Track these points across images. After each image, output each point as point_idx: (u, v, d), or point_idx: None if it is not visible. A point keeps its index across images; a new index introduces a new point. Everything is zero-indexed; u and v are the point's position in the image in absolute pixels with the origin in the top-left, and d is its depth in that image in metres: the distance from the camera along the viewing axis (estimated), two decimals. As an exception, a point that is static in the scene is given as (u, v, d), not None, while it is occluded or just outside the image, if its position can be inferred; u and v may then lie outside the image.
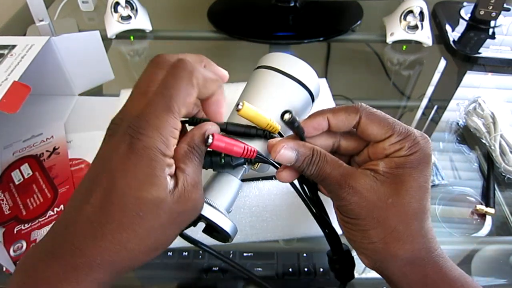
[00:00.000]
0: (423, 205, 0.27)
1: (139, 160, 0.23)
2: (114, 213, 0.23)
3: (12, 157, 0.49)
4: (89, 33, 0.54)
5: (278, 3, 0.78)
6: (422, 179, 0.27)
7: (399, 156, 0.27)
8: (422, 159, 0.27)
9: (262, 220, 0.39)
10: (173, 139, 0.24)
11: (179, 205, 0.24)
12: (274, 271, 0.40)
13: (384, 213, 0.26)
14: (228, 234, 0.29)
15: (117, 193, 0.23)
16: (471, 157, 0.52)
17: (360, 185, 0.26)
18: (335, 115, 0.28)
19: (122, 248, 0.23)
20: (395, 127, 0.27)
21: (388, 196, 0.26)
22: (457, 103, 0.59)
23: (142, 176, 0.23)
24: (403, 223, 0.26)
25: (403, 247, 0.26)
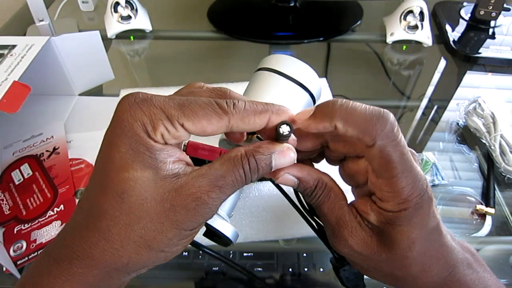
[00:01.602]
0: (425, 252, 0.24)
1: (121, 131, 0.21)
2: (97, 197, 0.21)
3: (12, 157, 0.49)
4: (89, 33, 0.54)
5: (278, 3, 0.78)
6: (418, 231, 0.24)
7: (386, 210, 0.24)
8: (415, 214, 0.23)
9: (262, 220, 0.39)
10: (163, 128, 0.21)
11: (177, 195, 0.21)
12: (274, 271, 0.40)
13: (379, 264, 0.25)
14: (230, 239, 0.29)
15: (101, 172, 0.21)
16: (471, 157, 0.52)
17: (353, 241, 0.25)
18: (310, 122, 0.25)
19: (101, 238, 0.21)
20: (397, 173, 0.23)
21: (381, 251, 0.25)
22: (457, 103, 0.59)
23: (125, 149, 0.21)
24: (401, 271, 0.25)
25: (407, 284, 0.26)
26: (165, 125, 0.21)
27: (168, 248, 0.22)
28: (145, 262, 0.22)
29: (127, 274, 0.23)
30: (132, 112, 0.21)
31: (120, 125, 0.21)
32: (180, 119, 0.21)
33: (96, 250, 0.21)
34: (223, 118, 0.22)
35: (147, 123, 0.21)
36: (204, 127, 0.21)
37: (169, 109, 0.21)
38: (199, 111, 0.21)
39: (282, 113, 0.23)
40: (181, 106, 0.21)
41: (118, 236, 0.21)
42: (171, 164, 0.21)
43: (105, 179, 0.21)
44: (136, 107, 0.21)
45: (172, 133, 0.21)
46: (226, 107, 0.22)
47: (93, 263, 0.21)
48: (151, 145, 0.21)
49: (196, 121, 0.21)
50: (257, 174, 0.23)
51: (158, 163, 0.21)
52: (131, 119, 0.21)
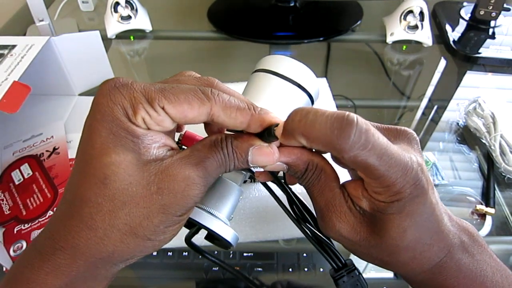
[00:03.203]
0: (415, 239, 0.23)
1: (102, 115, 0.20)
2: (78, 185, 0.20)
3: (12, 157, 0.49)
4: (89, 33, 0.54)
5: (278, 3, 0.78)
6: (411, 220, 0.22)
7: (378, 200, 0.23)
8: (409, 203, 0.22)
9: (262, 220, 0.39)
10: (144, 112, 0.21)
11: (163, 177, 0.20)
12: (274, 271, 0.40)
13: (367, 249, 0.25)
14: (229, 243, 0.29)
15: (82, 159, 0.21)
16: (471, 157, 0.52)
17: (341, 226, 0.24)
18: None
19: (84, 227, 0.20)
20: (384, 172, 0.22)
21: (370, 238, 0.24)
22: (457, 103, 0.59)
23: (105, 134, 0.20)
24: (390, 257, 0.24)
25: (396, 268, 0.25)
26: (146, 108, 0.20)
27: (154, 236, 0.21)
28: (131, 251, 0.21)
29: (114, 265, 0.22)
30: (112, 96, 0.20)
31: (100, 110, 0.20)
32: (161, 102, 0.20)
33: (79, 240, 0.20)
34: (205, 104, 0.21)
35: (127, 107, 0.20)
36: (185, 112, 0.21)
37: (149, 92, 0.21)
38: (181, 95, 0.21)
39: (264, 114, 0.23)
40: (162, 90, 0.21)
41: (101, 224, 0.20)
42: (155, 149, 0.21)
43: (86, 165, 0.20)
44: (116, 91, 0.21)
45: (153, 117, 0.21)
46: (210, 94, 0.21)
47: (77, 253, 0.20)
48: (132, 129, 0.20)
49: (177, 104, 0.21)
50: (234, 163, 0.22)
51: (141, 148, 0.20)
52: (111, 103, 0.20)
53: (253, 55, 0.70)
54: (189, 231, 0.31)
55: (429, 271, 0.25)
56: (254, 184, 0.38)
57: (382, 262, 0.25)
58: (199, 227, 0.29)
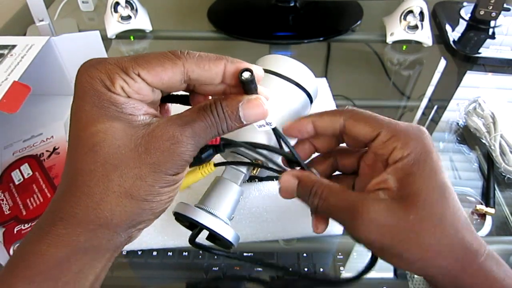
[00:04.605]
0: (449, 207, 0.24)
1: (83, 92, 0.21)
2: (71, 158, 0.22)
3: (12, 157, 0.49)
4: (89, 33, 0.54)
5: (278, 3, 0.78)
6: (435, 179, 0.24)
7: (398, 158, 0.25)
8: (424, 154, 0.24)
9: (262, 220, 0.39)
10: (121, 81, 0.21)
11: (150, 138, 0.21)
12: (274, 271, 0.40)
13: (411, 232, 0.23)
14: (231, 242, 0.29)
15: (72, 134, 0.22)
16: (471, 157, 0.52)
17: (374, 211, 0.24)
18: (319, 118, 0.28)
19: (81, 195, 0.21)
20: (383, 124, 0.26)
21: (409, 213, 0.23)
22: (457, 103, 0.59)
23: (89, 107, 0.21)
24: (436, 235, 0.23)
25: (446, 258, 0.24)
26: (122, 77, 0.21)
27: (151, 197, 0.22)
28: (131, 215, 0.22)
29: (115, 233, 0.22)
30: (89, 72, 0.21)
31: (80, 88, 0.21)
32: (135, 69, 0.21)
33: (77, 208, 0.21)
34: (177, 63, 0.22)
35: (104, 79, 0.21)
36: (159, 74, 0.22)
37: (122, 62, 0.22)
38: (152, 60, 0.22)
39: (237, 62, 0.24)
40: (134, 58, 0.22)
41: (97, 189, 0.21)
42: (139, 116, 0.22)
43: (76, 138, 0.21)
44: (92, 68, 0.22)
45: (131, 85, 0.22)
46: (179, 53, 0.22)
47: (76, 221, 0.21)
48: (114, 99, 0.21)
49: (150, 68, 0.22)
50: (226, 123, 0.23)
51: (125, 115, 0.21)
52: (89, 78, 0.21)
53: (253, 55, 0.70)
54: (192, 232, 0.31)
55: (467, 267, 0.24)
56: (254, 184, 0.38)
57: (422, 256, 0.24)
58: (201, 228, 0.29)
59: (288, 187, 0.27)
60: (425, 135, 0.25)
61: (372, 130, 0.26)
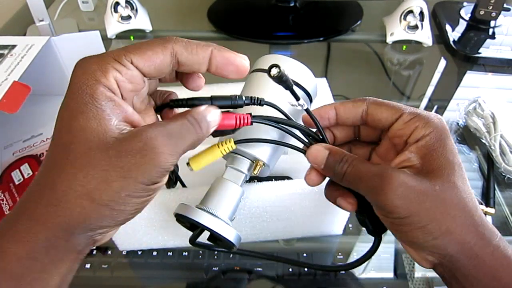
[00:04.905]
0: (466, 185, 0.25)
1: (73, 87, 0.21)
2: (50, 153, 0.21)
3: (12, 157, 0.49)
4: (89, 33, 0.54)
5: (278, 3, 0.78)
6: (454, 158, 0.25)
7: (420, 137, 0.26)
8: (443, 135, 0.26)
9: (262, 220, 0.39)
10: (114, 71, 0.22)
11: (123, 142, 0.21)
12: (274, 271, 0.40)
13: (437, 201, 0.24)
14: (232, 243, 0.29)
15: (55, 129, 0.22)
16: (471, 157, 0.52)
17: (402, 178, 0.24)
18: (342, 104, 0.29)
19: (45, 190, 0.20)
20: (404, 108, 0.28)
21: (435, 183, 0.24)
22: (457, 103, 0.59)
23: (73, 103, 0.21)
24: (460, 208, 0.24)
25: (470, 232, 0.24)
26: (115, 66, 0.22)
27: (113, 203, 0.21)
28: (89, 218, 0.21)
29: (72, 234, 0.21)
30: (83, 66, 0.22)
31: (73, 81, 0.22)
32: (127, 56, 0.22)
33: (40, 203, 0.20)
34: (167, 46, 0.23)
35: (95, 70, 0.21)
36: (151, 58, 0.22)
37: (114, 52, 0.22)
38: (143, 45, 0.23)
39: (223, 49, 0.25)
40: (125, 47, 0.23)
41: (61, 186, 0.20)
42: (117, 120, 0.21)
43: (57, 133, 0.21)
44: (86, 60, 0.22)
45: (124, 73, 0.22)
46: (168, 38, 0.24)
47: (36, 218, 0.20)
48: (99, 93, 0.21)
49: (142, 53, 0.22)
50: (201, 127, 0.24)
51: (104, 115, 0.21)
52: (81, 72, 0.21)
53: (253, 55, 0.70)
54: (193, 233, 0.31)
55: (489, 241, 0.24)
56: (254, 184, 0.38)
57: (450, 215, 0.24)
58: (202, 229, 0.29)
59: (318, 156, 0.28)
60: (442, 120, 0.27)
61: (394, 112, 0.28)
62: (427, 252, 0.25)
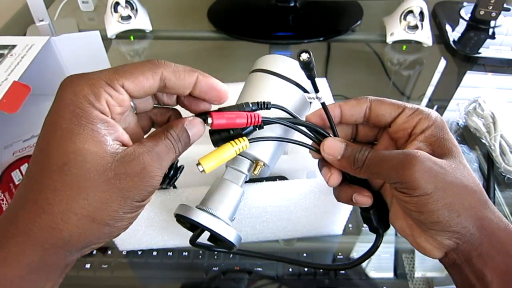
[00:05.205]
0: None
1: (63, 108, 0.21)
2: (36, 173, 0.21)
3: (12, 157, 0.49)
4: (89, 33, 0.54)
5: (278, 3, 0.78)
6: (455, 142, 0.28)
7: (426, 127, 0.28)
8: (442, 124, 0.28)
9: (262, 220, 0.39)
10: (107, 95, 0.22)
11: (120, 164, 0.21)
12: (274, 271, 0.40)
13: (456, 177, 0.25)
14: (233, 243, 0.29)
15: (41, 149, 0.21)
16: (471, 157, 0.52)
17: (425, 154, 0.25)
18: (346, 103, 0.30)
19: (41, 213, 0.20)
20: (405, 104, 0.29)
21: (450, 162, 0.26)
22: (457, 103, 0.59)
23: (66, 124, 0.21)
24: (475, 185, 0.26)
25: (486, 207, 0.25)
26: (107, 90, 0.22)
27: (113, 221, 0.22)
28: (89, 237, 0.21)
29: (68, 253, 0.22)
30: (73, 88, 0.22)
31: (62, 103, 0.21)
32: (120, 80, 0.22)
33: (34, 225, 0.20)
34: (157, 71, 0.23)
35: (89, 94, 0.21)
36: (142, 83, 0.23)
37: (107, 75, 0.22)
38: (134, 70, 0.23)
39: (206, 76, 0.26)
40: (116, 70, 0.23)
41: (58, 208, 0.20)
42: (112, 140, 0.22)
43: (46, 154, 0.21)
44: (76, 82, 0.22)
45: (115, 98, 0.22)
46: (157, 62, 0.24)
47: (31, 239, 0.20)
48: (95, 117, 0.21)
49: (134, 78, 0.23)
50: (180, 143, 0.25)
51: (99, 136, 0.21)
52: (72, 95, 0.21)
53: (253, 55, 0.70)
54: (193, 234, 0.30)
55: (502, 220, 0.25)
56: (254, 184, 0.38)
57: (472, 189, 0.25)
58: (202, 229, 0.29)
59: (335, 147, 0.29)
60: (435, 112, 0.29)
61: (396, 107, 0.29)
62: (447, 235, 0.25)
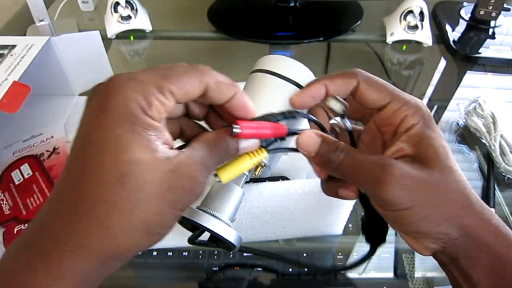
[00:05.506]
0: (458, 166, 0.25)
1: (116, 114, 0.20)
2: (89, 184, 0.20)
3: (12, 157, 0.49)
4: (89, 33, 0.54)
5: (278, 3, 0.78)
6: (442, 141, 0.26)
7: (411, 126, 0.26)
8: (429, 120, 0.26)
9: (262, 221, 0.39)
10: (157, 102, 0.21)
11: (173, 175, 0.21)
12: (274, 271, 0.40)
13: (439, 188, 0.24)
14: (233, 244, 0.29)
15: (93, 155, 0.20)
16: (471, 157, 0.52)
17: (403, 168, 0.24)
18: (333, 81, 0.28)
19: (99, 227, 0.19)
20: (394, 93, 0.27)
21: (433, 170, 0.24)
22: (457, 103, 0.59)
23: (120, 132, 0.20)
24: (459, 192, 0.24)
25: (470, 214, 0.24)
26: (158, 98, 0.21)
27: (164, 232, 0.22)
28: (142, 248, 0.22)
29: (119, 261, 0.22)
30: (125, 91, 0.20)
31: (114, 106, 0.20)
32: (169, 86, 0.22)
33: (92, 240, 0.19)
34: (203, 80, 0.23)
35: (141, 100, 0.21)
36: (188, 90, 0.22)
37: (157, 80, 0.21)
38: (182, 76, 0.22)
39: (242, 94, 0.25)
40: (166, 76, 0.22)
41: (117, 223, 0.20)
42: (163, 145, 0.21)
43: (100, 163, 0.20)
44: (127, 86, 0.21)
45: (164, 104, 0.22)
46: (204, 70, 0.23)
47: (89, 254, 0.20)
48: (148, 124, 0.21)
49: (181, 85, 0.22)
50: (227, 155, 0.25)
51: (154, 144, 0.21)
52: (124, 99, 0.20)
53: (253, 55, 0.70)
54: (193, 234, 0.30)
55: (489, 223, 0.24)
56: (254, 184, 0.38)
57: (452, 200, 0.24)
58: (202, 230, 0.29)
59: (310, 143, 0.27)
60: (423, 104, 0.27)
61: (383, 97, 0.27)
62: (430, 240, 0.25)
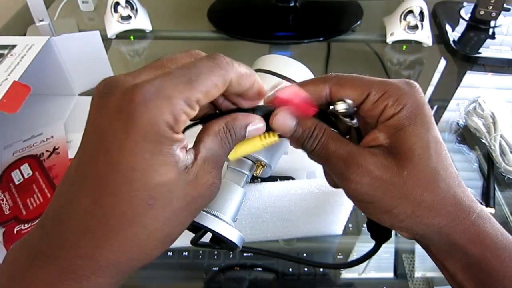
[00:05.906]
0: (442, 162, 0.24)
1: (143, 136, 0.19)
2: (117, 205, 0.19)
3: (12, 157, 0.49)
4: (89, 33, 0.54)
5: (278, 3, 0.78)
6: (428, 133, 0.24)
7: (390, 116, 0.24)
8: (416, 109, 0.24)
9: (262, 221, 0.39)
10: (185, 116, 0.20)
11: (195, 187, 0.21)
12: (274, 271, 0.40)
13: (404, 188, 0.23)
14: (235, 244, 0.29)
15: (119, 179, 0.19)
16: (471, 157, 0.52)
17: (370, 163, 0.23)
18: (302, 87, 0.26)
19: (129, 246, 0.20)
20: (373, 84, 0.25)
21: (403, 168, 0.23)
22: (457, 103, 0.59)
23: (148, 155, 0.19)
24: (429, 191, 0.23)
25: (438, 214, 0.23)
26: (185, 111, 0.20)
27: (177, 237, 0.22)
28: (156, 255, 0.22)
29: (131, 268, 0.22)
30: (152, 109, 0.19)
31: (138, 125, 0.19)
32: (196, 96, 0.20)
33: (123, 258, 0.20)
34: (227, 79, 0.21)
35: (169, 119, 0.19)
36: (212, 95, 0.21)
37: (184, 92, 0.20)
38: (208, 81, 0.20)
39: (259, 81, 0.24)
40: (192, 84, 0.20)
41: (147, 242, 0.20)
42: (183, 155, 0.21)
43: (127, 189, 0.19)
44: (154, 103, 0.19)
45: (190, 115, 0.20)
46: (226, 66, 0.21)
47: (119, 270, 0.20)
48: (174, 140, 0.20)
49: (207, 91, 0.20)
50: (234, 143, 0.24)
51: (177, 157, 0.20)
52: (152, 120, 0.19)
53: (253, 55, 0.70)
54: (195, 235, 0.30)
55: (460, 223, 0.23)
56: (254, 184, 0.38)
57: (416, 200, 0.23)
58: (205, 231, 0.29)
59: (285, 125, 0.25)
60: (415, 88, 0.25)
61: (360, 92, 0.25)
62: (397, 230, 0.25)
